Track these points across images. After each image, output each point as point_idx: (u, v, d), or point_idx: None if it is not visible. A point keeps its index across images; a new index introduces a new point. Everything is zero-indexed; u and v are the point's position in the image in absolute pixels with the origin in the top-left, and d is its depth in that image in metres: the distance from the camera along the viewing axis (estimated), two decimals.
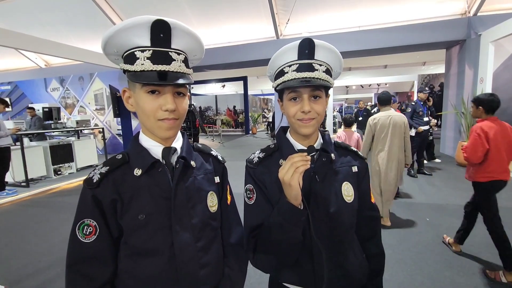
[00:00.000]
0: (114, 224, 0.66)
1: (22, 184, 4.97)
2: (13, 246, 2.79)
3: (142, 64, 0.60)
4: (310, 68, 0.69)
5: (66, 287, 0.65)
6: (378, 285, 0.86)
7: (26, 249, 2.71)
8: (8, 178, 4.73)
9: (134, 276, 0.67)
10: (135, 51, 0.61)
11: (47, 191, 4.85)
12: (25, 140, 5.43)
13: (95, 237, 0.64)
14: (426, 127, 4.78)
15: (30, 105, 6.63)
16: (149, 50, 0.61)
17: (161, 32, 0.61)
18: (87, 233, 0.64)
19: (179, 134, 0.76)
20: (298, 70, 0.69)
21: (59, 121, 6.02)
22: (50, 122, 5.86)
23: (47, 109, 5.93)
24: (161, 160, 0.69)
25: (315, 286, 0.75)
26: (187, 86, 0.68)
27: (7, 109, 4.64)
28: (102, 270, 0.66)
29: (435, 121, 5.69)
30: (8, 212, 3.85)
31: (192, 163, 0.73)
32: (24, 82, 9.14)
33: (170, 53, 0.62)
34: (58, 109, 6.22)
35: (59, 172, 5.72)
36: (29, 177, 4.97)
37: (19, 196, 4.45)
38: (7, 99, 4.98)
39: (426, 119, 4.74)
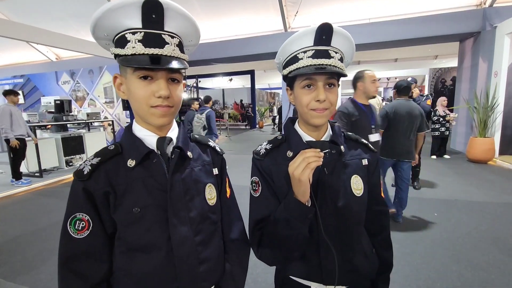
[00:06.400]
0: (107, 219, 0.63)
1: (36, 174, 5.12)
2: (28, 233, 2.90)
3: (133, 48, 0.56)
4: (326, 55, 0.65)
5: (59, 286, 0.62)
6: (387, 280, 0.86)
7: (41, 236, 2.82)
8: (22, 168, 4.87)
9: (130, 273, 0.63)
10: (126, 33, 0.57)
11: (59, 181, 5.00)
12: (38, 132, 5.57)
13: (88, 232, 0.61)
14: None
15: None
16: (140, 32, 0.57)
17: (153, 12, 0.56)
18: (79, 228, 0.60)
19: (175, 124, 0.71)
20: (313, 56, 0.65)
21: (70, 114, 6.14)
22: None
23: (59, 102, 6.07)
24: (155, 150, 0.65)
25: (322, 281, 0.73)
26: (182, 72, 0.65)
27: (20, 99, 4.69)
28: (96, 268, 0.62)
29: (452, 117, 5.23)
30: (23, 201, 4.00)
31: (189, 153, 0.69)
32: (36, 75, 9.31)
33: (163, 35, 0.58)
34: (69, 102, 6.34)
35: (70, 163, 5.86)
36: (42, 167, 5.12)
37: (33, 186, 4.60)
38: (20, 92, 5.09)
39: None
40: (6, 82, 9.83)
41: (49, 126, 6.04)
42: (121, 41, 0.58)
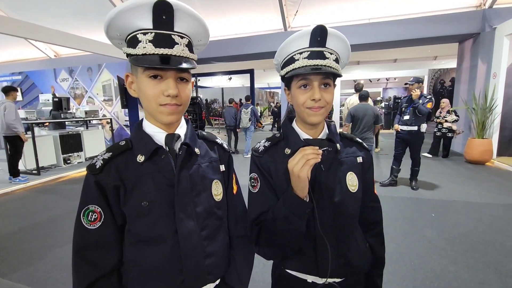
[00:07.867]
0: (118, 211, 0.66)
1: (34, 172, 5.10)
2: (26, 230, 2.89)
3: (144, 48, 0.59)
4: (322, 56, 0.68)
5: (73, 274, 0.65)
6: (381, 274, 0.89)
7: (38, 233, 2.81)
8: (20, 166, 4.84)
9: (139, 264, 0.66)
10: (137, 34, 0.59)
11: (57, 179, 4.98)
12: (36, 129, 5.54)
13: (100, 223, 0.64)
14: (404, 128, 3.91)
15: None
16: (151, 32, 0.59)
17: (163, 13, 0.58)
18: (92, 219, 0.63)
19: (183, 121, 0.74)
20: (309, 57, 0.68)
21: (68, 111, 6.11)
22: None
23: (57, 99, 6.03)
24: (164, 146, 0.68)
25: (318, 274, 0.75)
26: (191, 72, 0.67)
27: (18, 96, 4.67)
28: (107, 258, 0.65)
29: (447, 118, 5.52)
30: (21, 198, 3.98)
31: (196, 150, 0.72)
32: (34, 72, 9.26)
33: (172, 36, 0.60)
34: (68, 99, 6.30)
35: (68, 161, 5.84)
36: (40, 165, 5.09)
37: (30, 184, 4.58)
38: (18, 89, 5.06)
39: (406, 117, 3.91)
40: (4, 79, 9.78)
41: (46, 124, 6.00)
42: (133, 41, 0.61)
